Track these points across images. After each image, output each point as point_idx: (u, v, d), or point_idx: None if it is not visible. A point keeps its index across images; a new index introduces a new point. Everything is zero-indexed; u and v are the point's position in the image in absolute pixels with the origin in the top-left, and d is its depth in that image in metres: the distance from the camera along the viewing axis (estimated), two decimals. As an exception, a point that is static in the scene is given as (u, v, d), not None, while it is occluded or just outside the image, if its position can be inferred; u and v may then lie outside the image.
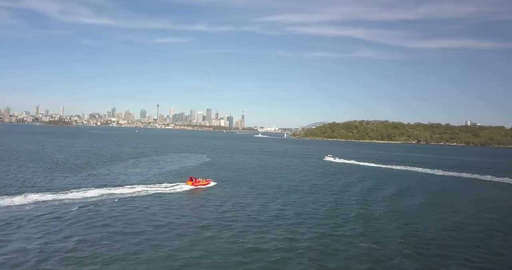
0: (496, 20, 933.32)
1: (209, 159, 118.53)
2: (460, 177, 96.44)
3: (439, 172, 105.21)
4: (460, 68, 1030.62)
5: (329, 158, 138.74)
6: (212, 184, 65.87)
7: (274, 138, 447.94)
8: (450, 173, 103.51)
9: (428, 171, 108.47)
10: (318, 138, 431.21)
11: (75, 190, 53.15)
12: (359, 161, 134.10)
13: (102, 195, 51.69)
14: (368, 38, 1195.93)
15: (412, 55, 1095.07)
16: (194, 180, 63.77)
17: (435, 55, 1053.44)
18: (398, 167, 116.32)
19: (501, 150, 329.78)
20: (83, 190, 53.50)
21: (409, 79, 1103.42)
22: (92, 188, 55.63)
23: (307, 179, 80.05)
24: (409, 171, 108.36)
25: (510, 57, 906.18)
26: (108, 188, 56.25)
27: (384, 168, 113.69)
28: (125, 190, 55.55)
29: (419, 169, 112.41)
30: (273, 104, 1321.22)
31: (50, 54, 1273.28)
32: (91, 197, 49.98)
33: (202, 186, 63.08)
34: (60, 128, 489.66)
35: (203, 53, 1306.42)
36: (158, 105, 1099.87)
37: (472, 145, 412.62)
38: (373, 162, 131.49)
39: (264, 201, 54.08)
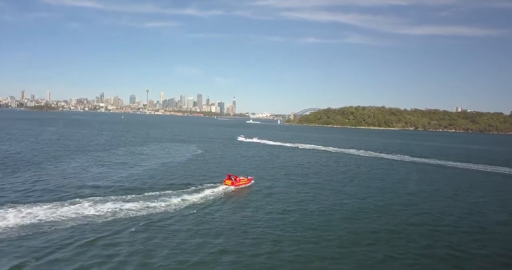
0: (486, 7, 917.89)
1: (220, 152, 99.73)
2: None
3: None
4: (450, 55, 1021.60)
5: (241, 138, 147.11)
6: (253, 182, 55.30)
7: (268, 124, 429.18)
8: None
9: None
10: (313, 124, 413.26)
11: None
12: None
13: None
14: (360, 24, 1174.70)
15: (403, 41, 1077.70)
16: (234, 179, 52.62)
17: (426, 42, 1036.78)
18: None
19: (505, 137, 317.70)
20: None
21: (400, 66, 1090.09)
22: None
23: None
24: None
25: (500, 44, 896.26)
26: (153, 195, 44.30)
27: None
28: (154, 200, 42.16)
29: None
30: (264, 91, 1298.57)
31: (37, 37, 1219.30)
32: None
33: (244, 185, 52.82)
34: (41, 114, 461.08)
35: (193, 38, 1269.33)
36: (147, 91, 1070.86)
37: (471, 131, 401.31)
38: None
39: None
